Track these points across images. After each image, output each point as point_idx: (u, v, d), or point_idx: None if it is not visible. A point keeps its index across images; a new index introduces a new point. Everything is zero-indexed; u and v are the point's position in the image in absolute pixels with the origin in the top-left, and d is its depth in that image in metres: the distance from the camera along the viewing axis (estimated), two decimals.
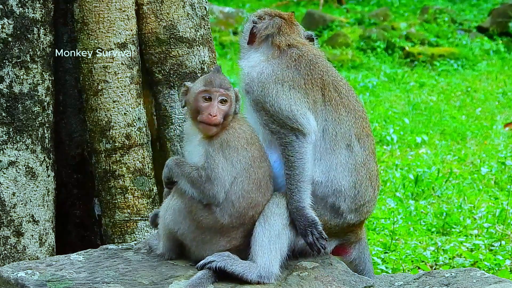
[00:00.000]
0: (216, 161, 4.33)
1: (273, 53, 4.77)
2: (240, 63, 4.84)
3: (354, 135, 4.69)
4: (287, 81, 4.64)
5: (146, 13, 5.53)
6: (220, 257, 4.36)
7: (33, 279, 4.33)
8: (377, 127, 11.99)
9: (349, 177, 4.64)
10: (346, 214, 4.66)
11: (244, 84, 4.69)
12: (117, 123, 5.41)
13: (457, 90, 15.18)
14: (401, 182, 9.21)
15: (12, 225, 5.27)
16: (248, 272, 4.34)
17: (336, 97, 4.71)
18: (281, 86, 4.62)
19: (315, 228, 4.45)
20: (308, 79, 4.67)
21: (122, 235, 5.44)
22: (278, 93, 4.59)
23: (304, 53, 4.75)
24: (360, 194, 4.68)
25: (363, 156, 4.71)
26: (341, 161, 4.64)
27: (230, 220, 4.36)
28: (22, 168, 5.29)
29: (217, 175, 4.31)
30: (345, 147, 4.66)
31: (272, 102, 4.58)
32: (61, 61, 5.61)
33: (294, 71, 4.68)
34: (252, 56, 4.81)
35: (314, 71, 4.72)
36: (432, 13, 20.66)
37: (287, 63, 4.70)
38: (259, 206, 4.43)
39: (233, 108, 4.46)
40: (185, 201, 4.39)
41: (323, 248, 4.46)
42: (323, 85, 4.71)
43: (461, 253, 7.02)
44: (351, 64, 17.27)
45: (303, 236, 4.46)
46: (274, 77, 4.64)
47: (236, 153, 4.38)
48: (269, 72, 4.66)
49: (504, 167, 9.66)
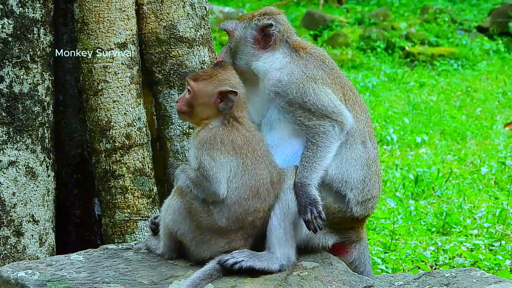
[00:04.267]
0: (203, 160, 4.33)
1: (297, 54, 4.81)
2: (258, 67, 4.79)
3: (367, 133, 4.79)
4: (319, 78, 4.72)
5: (146, 13, 5.53)
6: (244, 255, 4.41)
7: (33, 279, 4.33)
8: (377, 127, 12.00)
9: (360, 170, 4.74)
10: (352, 204, 4.72)
11: (274, 88, 4.69)
12: (117, 123, 5.41)
13: (457, 90, 15.19)
14: (401, 182, 9.21)
15: (12, 225, 5.27)
16: (272, 264, 4.47)
17: (352, 96, 4.85)
18: (315, 84, 4.70)
19: (315, 207, 4.48)
20: (332, 78, 4.80)
21: (122, 235, 5.44)
22: (315, 90, 4.66)
23: (321, 54, 4.86)
24: (368, 188, 4.77)
25: (374, 153, 4.83)
26: (356, 155, 4.74)
27: (228, 223, 4.36)
28: (22, 168, 5.29)
29: (208, 173, 4.32)
30: (361, 142, 4.77)
31: (313, 99, 4.64)
32: (61, 61, 5.60)
33: (321, 70, 4.76)
34: (272, 59, 4.79)
35: (334, 70, 4.84)
36: (432, 13, 20.67)
37: (314, 63, 4.77)
38: (259, 212, 4.42)
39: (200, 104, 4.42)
40: (184, 201, 4.39)
41: (320, 228, 4.48)
42: (343, 84, 4.84)
43: (461, 253, 7.02)
44: (351, 64, 17.28)
45: (302, 214, 4.49)
46: (306, 76, 4.69)
47: (220, 152, 4.35)
48: (299, 72, 4.71)
49: (504, 167, 9.66)
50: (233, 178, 4.35)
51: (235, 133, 4.42)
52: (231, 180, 4.35)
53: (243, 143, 4.41)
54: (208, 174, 4.32)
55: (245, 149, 4.41)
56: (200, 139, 4.39)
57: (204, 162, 4.33)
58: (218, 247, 4.41)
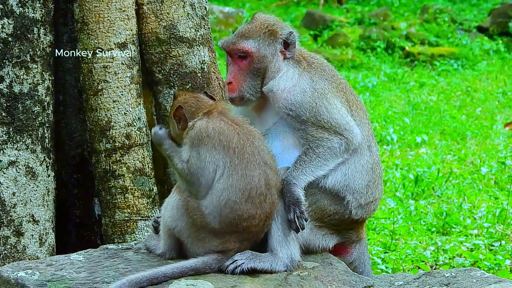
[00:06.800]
0: (189, 155, 4.39)
1: (303, 66, 4.75)
2: (273, 86, 4.67)
3: (371, 136, 4.78)
4: (327, 92, 4.68)
5: (146, 13, 5.53)
6: (245, 257, 4.41)
7: (33, 279, 4.33)
8: (377, 127, 11.99)
9: (366, 176, 4.74)
10: (352, 207, 4.71)
11: (287, 110, 4.64)
12: (117, 123, 5.41)
13: (457, 90, 15.19)
14: (401, 182, 9.21)
15: (12, 225, 5.27)
16: (276, 265, 4.47)
17: (354, 100, 4.83)
18: (326, 100, 4.66)
19: (298, 207, 4.47)
20: (335, 86, 4.77)
21: (122, 235, 5.44)
22: (327, 107, 4.63)
23: (321, 62, 4.82)
24: (371, 192, 4.77)
25: (377, 155, 4.85)
26: (363, 161, 4.75)
27: (220, 226, 4.37)
28: (22, 168, 5.29)
29: (193, 171, 4.36)
30: (367, 148, 4.75)
31: (327, 118, 4.62)
32: (61, 61, 5.60)
33: (325, 80, 4.73)
34: (287, 73, 4.71)
35: (335, 78, 4.81)
36: (432, 13, 20.66)
37: (318, 74, 4.73)
38: (254, 219, 4.37)
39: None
40: (182, 198, 4.42)
41: (302, 228, 4.48)
42: (345, 90, 4.81)
43: (461, 253, 7.02)
44: (351, 64, 17.27)
45: (286, 212, 4.49)
46: (317, 94, 4.65)
47: (205, 149, 4.37)
48: (309, 89, 4.66)
49: (504, 167, 9.66)
50: (220, 178, 4.35)
51: (221, 124, 4.43)
52: (218, 180, 4.35)
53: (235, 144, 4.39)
54: (194, 171, 4.36)
55: (234, 144, 4.39)
56: (189, 137, 4.44)
57: (189, 158, 4.38)
58: (212, 246, 4.41)
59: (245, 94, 4.67)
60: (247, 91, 4.67)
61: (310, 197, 4.59)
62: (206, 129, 4.39)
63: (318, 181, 4.63)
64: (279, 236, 4.47)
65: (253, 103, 4.72)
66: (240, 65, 4.69)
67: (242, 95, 4.67)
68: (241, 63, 4.69)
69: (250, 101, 4.70)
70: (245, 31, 4.71)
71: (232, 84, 4.68)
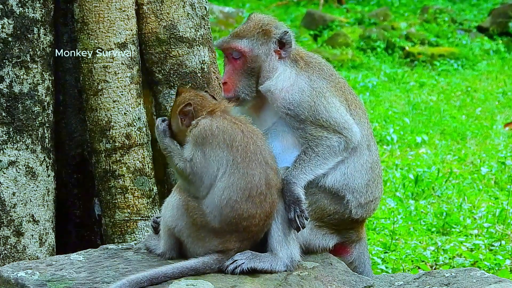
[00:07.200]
0: (193, 154, 4.37)
1: (300, 66, 4.74)
2: (270, 86, 4.68)
3: (370, 135, 4.78)
4: (325, 91, 4.68)
5: (146, 13, 5.53)
6: (245, 257, 4.41)
7: (33, 279, 4.33)
8: (377, 127, 11.99)
9: (365, 175, 4.75)
10: (352, 207, 4.71)
11: (285, 110, 4.64)
12: (117, 123, 5.41)
13: (457, 90, 15.19)
14: (401, 182, 9.21)
15: (12, 225, 5.27)
16: (276, 265, 4.46)
17: (353, 99, 4.83)
18: (325, 99, 4.66)
19: (298, 205, 4.47)
20: (334, 85, 4.76)
21: (122, 235, 5.44)
22: (326, 106, 4.64)
23: (318, 61, 4.81)
24: (371, 191, 4.77)
25: (376, 154, 4.85)
26: (363, 161, 4.74)
27: (221, 225, 4.36)
28: (22, 168, 5.29)
29: (197, 170, 4.34)
30: (366, 147, 4.75)
31: (325, 116, 4.63)
32: (61, 61, 5.61)
33: (323, 79, 4.73)
34: (284, 73, 4.71)
35: (333, 77, 4.80)
36: (432, 13, 20.67)
37: (316, 73, 4.73)
38: (254, 218, 4.37)
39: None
40: (183, 197, 4.42)
41: (302, 227, 4.47)
42: (343, 88, 4.80)
43: (461, 253, 7.02)
44: (351, 64, 17.27)
45: (287, 212, 4.49)
46: (315, 92, 4.65)
47: (209, 148, 4.36)
48: (307, 88, 4.66)
49: (504, 167, 9.66)
50: (221, 176, 4.34)
51: (224, 123, 4.42)
52: (220, 178, 4.34)
53: (238, 142, 4.38)
54: (196, 170, 4.35)
55: (238, 142, 4.37)
56: (192, 135, 4.42)
57: (191, 156, 4.36)
58: (212, 246, 4.41)
59: (240, 94, 4.68)
60: (242, 90, 4.69)
61: (310, 196, 4.60)
62: (210, 128, 4.38)
63: (318, 180, 4.64)
64: (279, 236, 4.48)
65: (250, 103, 4.72)
66: (234, 65, 4.71)
67: (238, 95, 4.68)
68: (236, 63, 4.71)
69: (245, 100, 4.70)
70: (239, 31, 4.74)
71: (227, 84, 4.71)
